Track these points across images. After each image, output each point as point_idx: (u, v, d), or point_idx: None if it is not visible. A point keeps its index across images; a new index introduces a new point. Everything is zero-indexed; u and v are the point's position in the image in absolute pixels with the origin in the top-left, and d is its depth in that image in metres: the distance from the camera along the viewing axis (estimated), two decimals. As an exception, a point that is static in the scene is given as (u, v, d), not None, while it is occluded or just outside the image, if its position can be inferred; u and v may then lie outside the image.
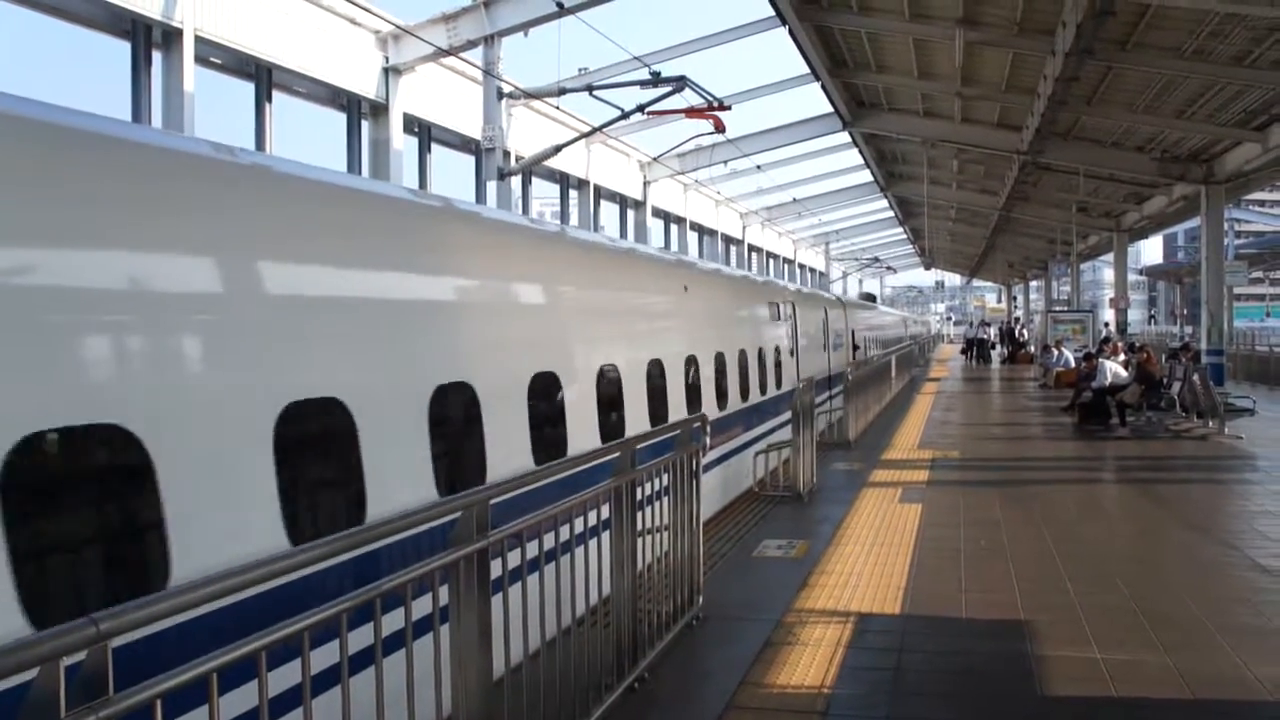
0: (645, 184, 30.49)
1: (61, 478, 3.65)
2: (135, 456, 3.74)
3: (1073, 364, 24.32)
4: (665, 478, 5.60)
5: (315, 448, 4.88)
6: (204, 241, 4.31)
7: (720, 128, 18.21)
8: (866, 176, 38.10)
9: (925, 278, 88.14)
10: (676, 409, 9.76)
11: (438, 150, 20.27)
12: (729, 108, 17.67)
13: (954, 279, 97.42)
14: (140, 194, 4.10)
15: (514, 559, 3.93)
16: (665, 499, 5.64)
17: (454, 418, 5.96)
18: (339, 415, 4.84)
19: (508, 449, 6.40)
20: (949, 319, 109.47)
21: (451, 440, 5.90)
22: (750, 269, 40.22)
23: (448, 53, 17.67)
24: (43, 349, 3.51)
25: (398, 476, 5.29)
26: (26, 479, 3.37)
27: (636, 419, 8.65)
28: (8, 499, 3.27)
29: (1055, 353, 27.68)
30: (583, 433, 7.52)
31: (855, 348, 26.65)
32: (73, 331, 3.66)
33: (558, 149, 18.34)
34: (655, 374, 9.47)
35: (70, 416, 3.56)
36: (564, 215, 26.34)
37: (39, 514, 3.52)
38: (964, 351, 46.72)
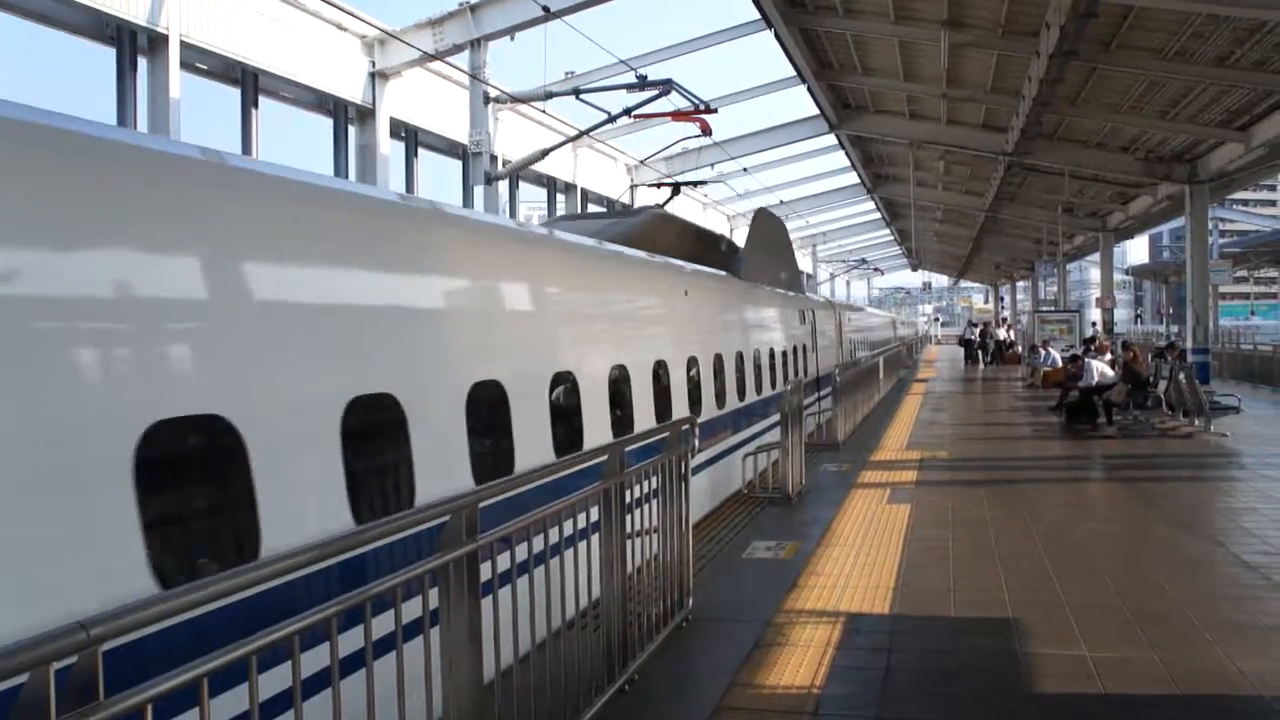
0: (632, 187, 30.54)
1: None
2: None
3: (1059, 363, 24.42)
4: (654, 480, 5.62)
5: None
6: None
7: (706, 130, 18.24)
8: (853, 178, 38.26)
9: (913, 279, 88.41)
10: None
11: (425, 155, 20.29)
12: (715, 111, 17.70)
13: (941, 280, 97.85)
14: None
15: (504, 562, 3.94)
16: (654, 501, 5.65)
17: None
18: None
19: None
20: (936, 320, 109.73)
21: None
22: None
23: (434, 57, 17.69)
24: None
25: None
26: None
27: None
28: None
29: (1043, 352, 27.79)
30: None
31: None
32: None
33: (545, 153, 18.35)
34: None
35: None
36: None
37: None
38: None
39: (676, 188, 18.14)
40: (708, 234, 16.46)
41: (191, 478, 4.12)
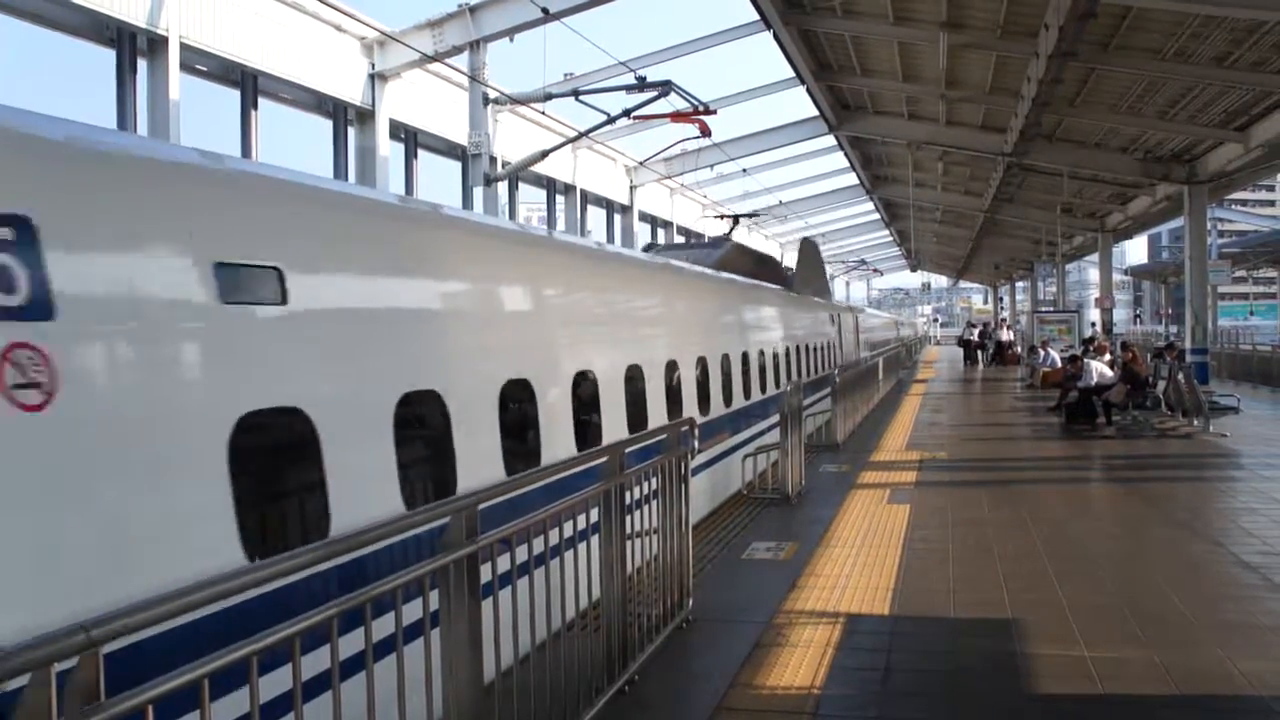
0: (632, 188, 30.55)
1: None
2: None
3: (1058, 364, 24.40)
4: (654, 481, 5.62)
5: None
6: None
7: (706, 132, 18.26)
8: (852, 179, 38.26)
9: (912, 279, 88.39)
10: None
11: (424, 156, 20.29)
12: (714, 112, 17.73)
13: (940, 280, 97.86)
14: None
15: (504, 563, 3.95)
16: (654, 502, 5.66)
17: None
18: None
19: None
20: (936, 320, 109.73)
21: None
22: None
23: (433, 59, 17.69)
24: None
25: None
26: None
27: None
28: None
29: (1042, 353, 27.78)
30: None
31: None
32: None
33: (544, 154, 18.37)
34: None
35: None
36: (550, 220, 26.36)
37: None
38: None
39: (736, 219, 25.48)
40: (767, 257, 22.60)
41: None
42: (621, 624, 5.00)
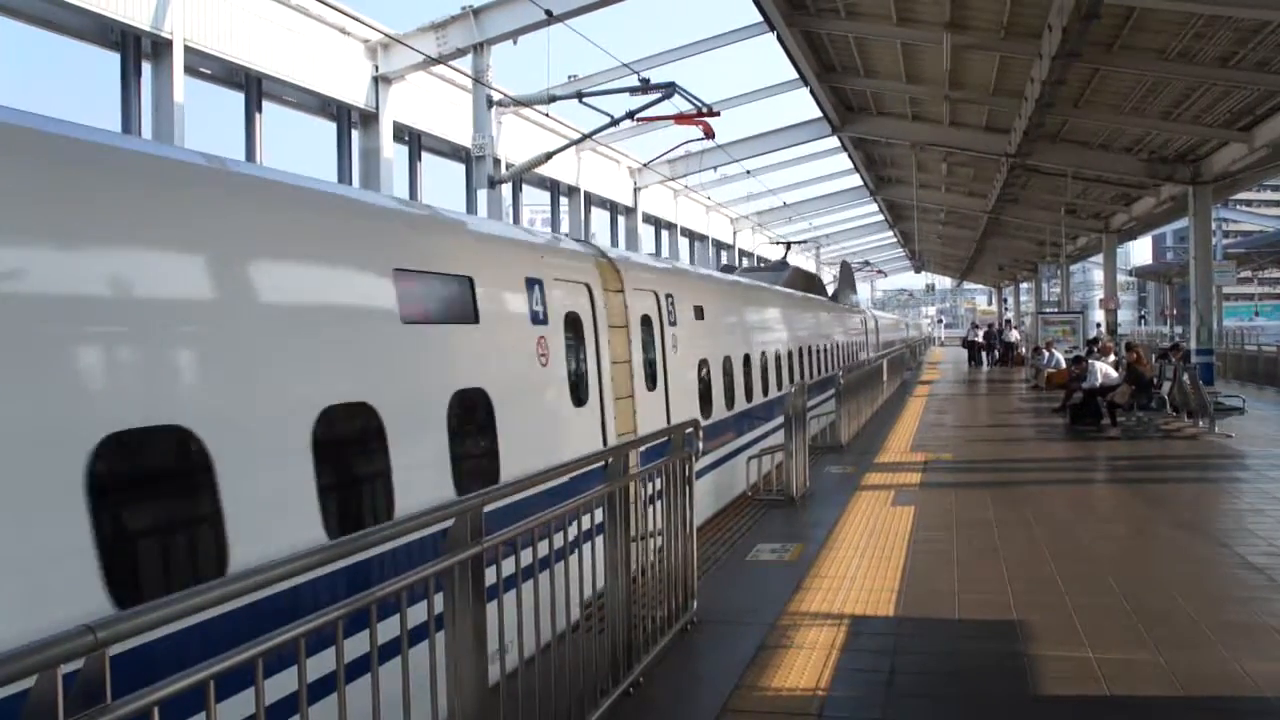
0: (636, 190, 30.55)
1: None
2: None
3: (1063, 365, 24.36)
4: (658, 483, 5.62)
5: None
6: None
7: (710, 133, 18.25)
8: (856, 180, 38.22)
9: (916, 281, 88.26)
10: None
11: (428, 158, 20.31)
12: (718, 113, 17.71)
13: (944, 282, 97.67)
14: None
15: (509, 565, 3.95)
16: (659, 504, 5.66)
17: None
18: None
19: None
20: (940, 321, 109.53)
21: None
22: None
23: (437, 61, 17.70)
24: None
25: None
26: None
27: None
28: None
29: (1046, 354, 27.72)
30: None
31: None
32: None
33: (548, 156, 18.37)
34: None
35: None
36: (554, 222, 26.36)
37: None
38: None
39: (788, 245, 33.19)
40: (814, 276, 30.03)
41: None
42: (626, 626, 5.00)
